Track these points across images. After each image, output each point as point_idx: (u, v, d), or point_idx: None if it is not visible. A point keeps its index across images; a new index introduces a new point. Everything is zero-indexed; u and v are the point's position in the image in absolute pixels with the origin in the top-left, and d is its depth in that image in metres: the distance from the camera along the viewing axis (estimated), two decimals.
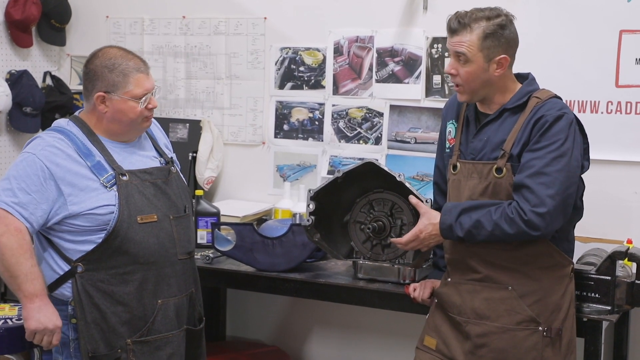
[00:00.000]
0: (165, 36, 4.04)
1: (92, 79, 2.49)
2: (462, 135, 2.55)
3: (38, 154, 2.42)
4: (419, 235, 2.53)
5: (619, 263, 2.67)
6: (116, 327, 2.47)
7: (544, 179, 2.32)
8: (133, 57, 2.52)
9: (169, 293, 2.55)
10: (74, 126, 2.52)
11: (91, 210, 2.43)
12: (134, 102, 2.48)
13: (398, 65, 3.56)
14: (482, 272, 2.47)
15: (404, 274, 2.87)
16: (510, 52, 2.44)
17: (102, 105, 2.48)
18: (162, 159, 2.64)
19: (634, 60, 3.13)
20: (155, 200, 2.53)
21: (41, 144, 2.45)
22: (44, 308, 2.42)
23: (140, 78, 2.49)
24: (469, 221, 2.40)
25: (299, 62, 3.76)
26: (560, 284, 2.46)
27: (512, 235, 2.36)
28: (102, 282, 2.46)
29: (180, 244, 2.58)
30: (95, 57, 2.51)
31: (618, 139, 3.16)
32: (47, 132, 2.54)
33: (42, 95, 4.10)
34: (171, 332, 2.56)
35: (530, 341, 2.42)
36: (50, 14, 4.11)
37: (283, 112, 3.82)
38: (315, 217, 2.80)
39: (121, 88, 2.46)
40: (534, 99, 2.43)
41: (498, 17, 2.42)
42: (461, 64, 2.43)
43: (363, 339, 3.79)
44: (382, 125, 3.62)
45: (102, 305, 2.46)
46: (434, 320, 2.61)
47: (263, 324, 4.00)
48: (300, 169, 3.81)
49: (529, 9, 3.28)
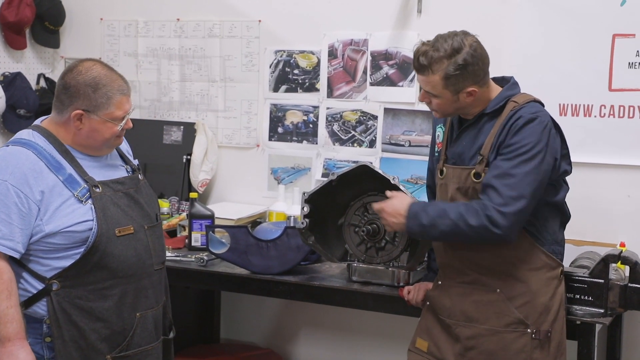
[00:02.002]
0: (160, 39, 4.04)
1: (71, 94, 2.35)
2: (447, 140, 2.57)
3: (9, 180, 2.28)
4: (384, 208, 2.50)
5: (612, 266, 2.68)
6: (95, 343, 2.37)
7: (509, 181, 2.32)
8: (117, 78, 2.40)
9: (147, 305, 2.47)
10: (40, 138, 2.39)
11: (68, 228, 2.31)
12: (113, 123, 2.38)
13: (392, 68, 3.57)
14: (471, 275, 2.48)
15: (398, 277, 2.87)
16: (479, 80, 2.39)
17: (77, 122, 2.36)
18: (128, 166, 2.56)
19: (626, 64, 3.15)
20: (130, 211, 2.44)
21: (9, 167, 2.29)
22: (15, 353, 2.27)
23: (122, 100, 2.39)
24: (435, 210, 2.40)
25: (294, 65, 3.77)
26: (548, 285, 2.46)
27: (473, 228, 2.33)
28: (79, 299, 2.34)
29: (156, 254, 2.51)
30: (77, 73, 2.36)
31: (611, 142, 3.18)
32: (12, 146, 2.37)
33: (36, 97, 4.09)
34: (150, 345, 2.49)
35: (519, 343, 2.42)
36: (44, 16, 4.11)
37: (277, 115, 3.82)
38: (309, 220, 2.80)
39: (102, 109, 2.35)
40: (512, 103, 2.43)
41: (459, 53, 2.34)
42: (431, 96, 2.44)
43: (357, 342, 3.79)
44: (376, 128, 3.63)
45: (80, 322, 2.34)
46: (426, 322, 2.62)
47: (257, 327, 4.00)
48: (295, 172, 3.82)
49: (523, 13, 3.29)
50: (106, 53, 4.17)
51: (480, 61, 2.38)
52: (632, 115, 3.16)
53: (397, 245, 2.83)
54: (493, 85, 2.49)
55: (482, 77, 2.41)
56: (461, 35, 2.38)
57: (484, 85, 2.44)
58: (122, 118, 2.39)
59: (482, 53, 2.40)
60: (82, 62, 2.40)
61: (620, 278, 2.71)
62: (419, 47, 2.41)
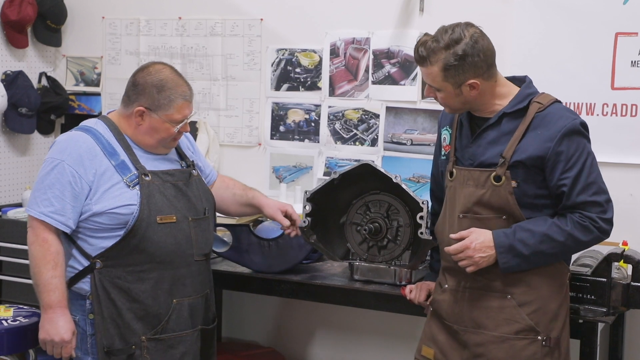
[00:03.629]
0: (162, 37, 4.04)
1: (138, 92, 2.54)
2: (456, 142, 2.50)
3: (66, 160, 2.47)
4: (468, 246, 2.35)
5: (615, 265, 2.67)
6: (131, 323, 2.52)
7: (594, 188, 2.34)
8: (182, 84, 2.57)
9: (184, 293, 2.60)
10: (102, 125, 2.57)
11: (113, 209, 2.48)
12: (170, 124, 2.54)
13: (394, 67, 3.57)
14: (480, 281, 2.43)
15: (400, 276, 2.87)
16: (481, 72, 2.32)
17: (139, 118, 2.54)
18: (183, 162, 2.70)
19: (629, 63, 3.14)
20: (175, 201, 2.57)
21: (68, 149, 2.49)
22: (55, 320, 2.47)
23: (183, 105, 2.55)
24: (529, 237, 2.32)
25: (295, 63, 3.77)
26: (559, 292, 2.43)
27: (584, 244, 2.36)
28: (119, 279, 2.51)
29: (198, 245, 2.62)
30: (147, 73, 2.55)
31: (613, 141, 3.17)
32: (74, 131, 2.58)
33: (38, 96, 4.09)
34: (185, 332, 2.60)
35: (529, 351, 2.38)
36: (46, 15, 4.11)
37: (279, 114, 3.82)
38: (311, 219, 2.80)
39: (163, 110, 2.52)
40: (535, 104, 2.37)
41: (458, 44, 2.28)
42: (434, 90, 2.40)
43: (359, 341, 3.79)
44: (378, 126, 3.62)
45: (118, 301, 2.51)
46: (431, 329, 2.58)
47: (259, 326, 3.99)
48: (297, 171, 3.81)
49: (525, 12, 3.28)
50: (108, 51, 4.17)
51: (481, 53, 2.30)
52: (634, 114, 3.15)
53: (399, 244, 2.83)
54: (504, 81, 2.42)
55: (485, 70, 2.33)
56: (462, 26, 2.32)
57: (490, 79, 2.36)
58: (180, 121, 2.55)
59: (484, 45, 2.32)
60: (154, 64, 2.59)
61: (622, 277, 2.70)
62: (420, 39, 2.38)
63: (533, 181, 2.36)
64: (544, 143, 2.32)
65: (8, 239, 3.69)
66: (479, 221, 2.40)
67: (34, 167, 4.21)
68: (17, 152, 4.15)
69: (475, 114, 2.46)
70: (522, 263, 2.35)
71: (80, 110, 4.25)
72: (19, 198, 4.06)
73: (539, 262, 2.37)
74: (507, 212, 2.37)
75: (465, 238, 2.37)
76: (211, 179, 2.92)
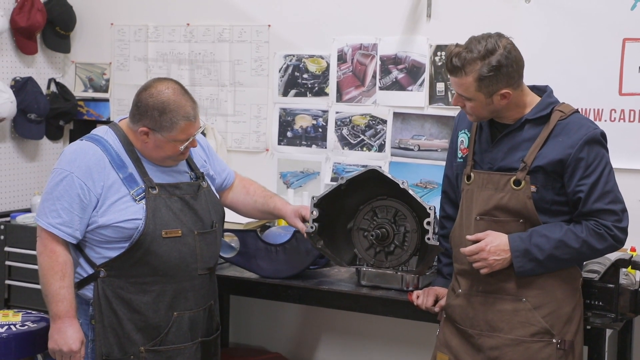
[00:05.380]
0: (170, 43, 4.05)
1: (140, 112, 2.51)
2: (475, 145, 2.52)
3: (75, 172, 2.47)
4: (483, 248, 2.38)
5: (623, 271, 2.66)
6: (131, 333, 2.53)
7: (610, 197, 2.36)
8: (185, 103, 2.51)
9: (185, 306, 2.60)
10: (112, 136, 2.56)
11: (118, 223, 2.48)
12: (176, 143, 2.52)
13: (402, 72, 3.57)
14: (495, 284, 2.44)
15: (408, 281, 2.87)
16: (513, 82, 2.36)
17: (144, 137, 2.52)
18: (192, 173, 2.68)
19: (637, 68, 3.14)
20: (181, 215, 2.56)
21: (77, 160, 2.48)
22: (63, 330, 2.48)
23: (186, 126, 2.50)
24: (545, 242, 2.35)
25: (303, 69, 3.77)
26: (573, 296, 2.44)
27: (599, 251, 2.38)
28: (121, 289, 2.52)
29: (202, 259, 2.62)
30: (149, 95, 2.50)
31: (621, 146, 3.16)
32: (84, 141, 2.56)
33: (47, 102, 4.11)
34: (184, 344, 2.60)
35: (544, 353, 2.39)
36: (55, 21, 4.13)
37: (287, 119, 3.83)
38: (318, 224, 2.80)
39: (166, 132, 2.49)
40: (557, 112, 2.41)
41: (493, 54, 2.31)
42: (464, 100, 2.41)
43: (366, 346, 3.78)
44: (385, 132, 3.62)
45: (119, 311, 2.52)
46: (444, 335, 2.58)
47: (266, 331, 3.99)
48: (304, 176, 3.82)
49: (532, 17, 3.28)
50: (116, 58, 4.18)
51: (514, 63, 2.34)
52: None
53: (406, 249, 2.83)
54: (527, 90, 2.46)
55: (517, 80, 2.38)
56: (495, 37, 2.34)
57: (518, 88, 2.40)
58: (186, 140, 2.53)
59: (517, 55, 2.36)
60: (157, 84, 2.54)
61: (630, 283, 2.69)
62: (452, 49, 2.37)
63: (552, 187, 2.39)
64: (565, 149, 2.36)
65: (17, 244, 3.71)
66: (496, 224, 2.42)
67: (42, 172, 4.23)
68: (26, 157, 4.17)
69: (496, 119, 2.49)
70: (537, 267, 2.37)
71: (89, 116, 4.27)
72: (28, 203, 4.07)
73: (553, 267, 2.39)
74: (525, 216, 2.40)
75: (481, 240, 2.39)
76: (229, 182, 2.92)
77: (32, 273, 3.60)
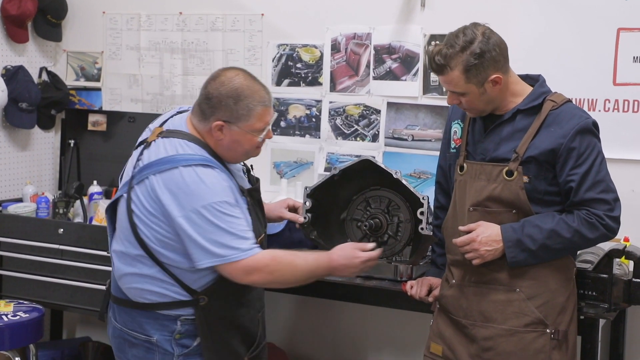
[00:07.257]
0: (162, 32, 4.03)
1: (213, 105, 2.33)
2: (468, 136, 2.52)
3: (226, 199, 2.29)
4: (474, 239, 2.38)
5: (616, 261, 2.67)
6: (236, 347, 2.44)
7: (602, 186, 2.36)
8: (259, 89, 2.37)
9: (261, 305, 2.57)
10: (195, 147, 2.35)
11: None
12: (253, 134, 2.37)
13: (395, 62, 3.56)
14: (488, 275, 2.45)
15: (401, 272, 2.87)
16: (500, 66, 2.37)
17: (218, 133, 2.34)
18: (244, 167, 2.57)
19: (631, 58, 3.13)
20: (262, 219, 2.50)
21: (216, 187, 2.28)
22: (335, 260, 2.43)
23: (263, 112, 2.36)
24: (537, 232, 2.35)
25: (296, 58, 3.76)
26: (566, 286, 2.45)
27: (591, 241, 2.38)
28: (224, 310, 2.39)
29: None
30: (220, 83, 2.34)
31: (615, 137, 3.16)
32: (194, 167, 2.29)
33: (38, 91, 4.08)
34: (267, 341, 2.59)
35: (538, 343, 2.40)
36: (46, 10, 4.10)
37: (280, 109, 3.81)
38: (312, 215, 2.79)
39: (243, 121, 2.33)
40: (549, 102, 2.41)
41: (473, 43, 2.31)
42: (458, 96, 2.41)
43: (360, 336, 3.78)
44: (379, 122, 3.61)
45: (224, 332, 2.39)
46: (438, 326, 2.59)
47: None
48: (297, 166, 3.81)
49: (526, 7, 3.27)
50: (108, 46, 4.16)
51: (497, 47, 2.35)
52: (636, 109, 3.14)
53: (400, 239, 2.82)
54: (517, 79, 2.46)
55: (503, 64, 2.38)
56: (471, 27, 2.36)
57: (507, 73, 2.40)
58: (263, 129, 2.38)
59: (497, 39, 2.37)
60: (225, 72, 2.39)
61: (624, 273, 2.70)
62: (432, 49, 2.39)
63: (544, 178, 2.39)
64: (557, 139, 2.36)
65: (8, 234, 3.68)
66: (488, 214, 2.43)
67: (34, 162, 4.20)
68: (17, 147, 4.14)
69: (494, 112, 2.48)
70: (529, 258, 2.38)
71: (81, 105, 4.24)
72: (19, 193, 4.05)
73: (546, 258, 2.40)
74: (517, 206, 2.40)
75: (473, 231, 2.39)
76: None
77: (23, 263, 3.59)
